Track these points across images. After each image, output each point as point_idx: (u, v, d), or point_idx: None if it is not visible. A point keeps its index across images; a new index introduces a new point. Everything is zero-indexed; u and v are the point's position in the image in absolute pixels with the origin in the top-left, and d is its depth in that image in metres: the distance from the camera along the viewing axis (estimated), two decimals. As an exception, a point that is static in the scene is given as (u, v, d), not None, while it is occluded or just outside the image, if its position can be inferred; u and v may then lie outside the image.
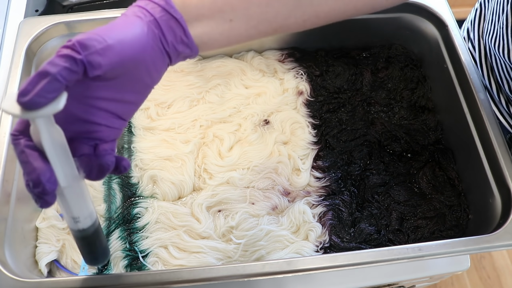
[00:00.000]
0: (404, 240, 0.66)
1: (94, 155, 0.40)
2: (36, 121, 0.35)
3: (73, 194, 0.40)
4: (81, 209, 0.42)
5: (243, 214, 0.66)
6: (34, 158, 0.36)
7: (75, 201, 0.41)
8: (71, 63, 0.34)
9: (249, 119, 0.74)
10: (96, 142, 0.40)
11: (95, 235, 0.45)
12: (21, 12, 0.82)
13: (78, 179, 0.39)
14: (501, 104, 0.76)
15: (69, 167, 0.38)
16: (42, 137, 0.35)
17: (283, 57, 0.82)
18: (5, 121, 0.62)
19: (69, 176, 0.38)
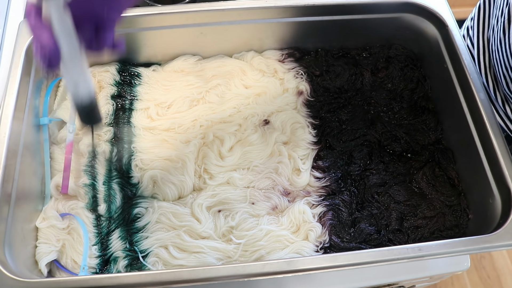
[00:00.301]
0: (404, 240, 0.66)
1: (95, 38, 0.46)
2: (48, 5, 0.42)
3: (74, 64, 0.47)
4: (80, 76, 0.49)
5: (243, 214, 0.66)
6: (44, 33, 0.42)
7: (76, 70, 0.48)
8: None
9: (249, 119, 0.74)
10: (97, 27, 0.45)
11: (93, 109, 0.53)
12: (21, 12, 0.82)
13: (79, 52, 0.46)
14: (498, 102, 0.76)
15: (71, 42, 0.45)
16: (53, 20, 0.42)
17: (283, 57, 0.82)
18: (5, 121, 0.62)
19: (71, 49, 0.45)
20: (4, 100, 0.63)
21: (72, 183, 0.66)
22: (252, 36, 0.79)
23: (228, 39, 0.79)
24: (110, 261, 0.62)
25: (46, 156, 0.68)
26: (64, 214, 0.65)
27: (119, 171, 0.69)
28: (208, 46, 0.80)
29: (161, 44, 0.78)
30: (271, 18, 0.76)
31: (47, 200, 0.66)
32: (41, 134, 0.69)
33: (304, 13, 0.76)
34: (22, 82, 0.66)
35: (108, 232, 0.64)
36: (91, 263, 0.62)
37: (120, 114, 0.74)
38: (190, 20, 0.74)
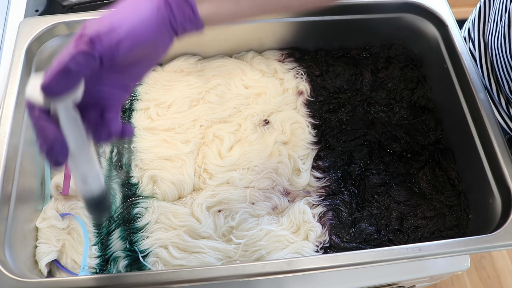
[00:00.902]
0: (404, 240, 0.66)
1: (101, 123, 0.43)
2: (57, 106, 0.39)
3: (82, 157, 0.44)
4: (89, 170, 0.46)
5: (243, 214, 0.66)
6: (49, 127, 0.40)
7: (85, 163, 0.45)
8: (89, 60, 0.37)
9: (249, 119, 0.74)
10: (102, 110, 0.43)
11: (103, 201, 0.49)
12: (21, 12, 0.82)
13: (87, 144, 0.44)
14: (501, 105, 0.76)
15: (79, 135, 0.42)
16: (60, 118, 0.40)
17: (283, 57, 0.82)
18: (5, 121, 0.62)
19: (79, 142, 0.42)
20: (4, 100, 0.63)
21: (72, 183, 0.66)
22: (252, 36, 0.79)
23: (228, 39, 0.79)
24: (110, 261, 0.62)
25: (46, 156, 0.68)
26: (64, 214, 0.65)
27: (119, 171, 0.69)
28: (208, 46, 0.80)
29: (161, 44, 0.78)
30: (271, 18, 0.76)
31: (47, 200, 0.66)
32: (41, 134, 0.68)
33: (304, 13, 0.76)
34: (22, 82, 0.66)
35: (108, 232, 0.64)
36: (91, 263, 0.62)
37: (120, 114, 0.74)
38: (190, 20, 0.74)
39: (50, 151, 0.40)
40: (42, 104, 0.38)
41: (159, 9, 0.41)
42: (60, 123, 0.40)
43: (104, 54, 0.37)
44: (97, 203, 0.48)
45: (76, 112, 0.41)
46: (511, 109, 0.75)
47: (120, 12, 0.40)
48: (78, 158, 0.44)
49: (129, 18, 0.39)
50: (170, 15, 0.42)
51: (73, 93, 0.38)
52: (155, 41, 0.42)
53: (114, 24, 0.38)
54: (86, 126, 0.42)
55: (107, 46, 0.37)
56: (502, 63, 0.70)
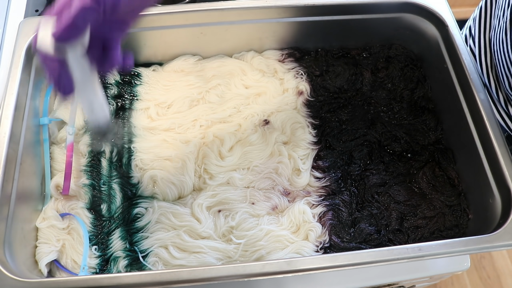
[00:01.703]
0: (404, 240, 0.66)
1: (103, 56, 0.47)
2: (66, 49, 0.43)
3: (88, 88, 0.49)
4: (95, 100, 0.51)
5: (243, 214, 0.66)
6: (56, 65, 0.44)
7: (90, 93, 0.50)
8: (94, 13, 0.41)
9: (249, 119, 0.74)
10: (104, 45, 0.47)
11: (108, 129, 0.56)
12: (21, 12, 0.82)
13: (92, 76, 0.48)
14: (500, 102, 0.76)
15: (85, 69, 0.46)
16: (69, 58, 0.44)
17: (283, 57, 0.82)
18: (5, 121, 0.62)
19: (84, 75, 0.47)
20: (4, 100, 0.63)
21: (72, 183, 0.66)
22: (252, 36, 0.79)
23: (228, 39, 0.79)
24: (110, 261, 0.62)
25: (46, 156, 0.68)
26: (64, 214, 0.65)
27: (119, 171, 0.69)
28: (208, 46, 0.80)
29: (161, 44, 0.78)
30: (271, 18, 0.76)
31: (47, 200, 0.66)
32: (41, 134, 0.69)
33: (304, 13, 0.76)
34: (22, 82, 0.66)
35: (108, 232, 0.64)
36: (91, 263, 0.62)
37: (120, 114, 0.74)
38: (190, 20, 0.74)
39: (58, 84, 0.45)
40: (51, 50, 0.42)
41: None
42: (68, 62, 0.44)
43: (107, 6, 0.41)
44: (102, 131, 0.54)
45: (82, 51, 0.44)
46: (510, 107, 0.75)
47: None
48: (84, 90, 0.49)
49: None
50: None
51: (80, 39, 0.43)
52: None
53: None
54: (90, 60, 0.46)
55: None
56: (503, 58, 0.70)
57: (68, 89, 0.46)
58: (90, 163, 0.69)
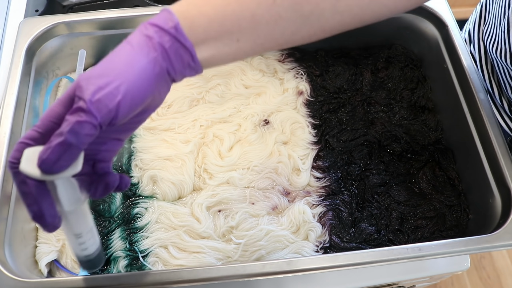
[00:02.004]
0: (404, 240, 0.66)
1: (94, 174, 0.41)
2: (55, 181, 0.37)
3: (76, 215, 0.42)
4: (84, 227, 0.44)
5: (243, 214, 0.66)
6: (36, 191, 0.37)
7: (78, 221, 0.43)
8: (89, 129, 0.35)
9: (249, 119, 0.74)
10: (94, 161, 0.41)
11: (97, 257, 0.47)
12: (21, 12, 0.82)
13: (81, 201, 0.41)
14: (503, 108, 0.76)
15: (73, 193, 0.39)
16: (57, 187, 0.37)
17: (283, 57, 0.81)
18: (5, 121, 0.62)
19: (72, 200, 0.40)
20: (4, 100, 0.63)
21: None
22: (252, 36, 0.79)
23: (228, 39, 0.79)
24: (110, 261, 0.62)
25: (46, 156, 0.68)
26: (64, 214, 0.65)
27: (119, 171, 0.69)
28: (208, 46, 0.80)
29: (161, 44, 0.78)
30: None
31: (47, 200, 0.66)
32: (41, 134, 0.68)
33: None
34: (22, 82, 0.66)
35: (108, 232, 0.64)
36: (91, 263, 0.62)
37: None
38: (190, 20, 0.74)
39: (38, 218, 0.38)
40: (39, 177, 0.35)
41: (156, 61, 0.38)
42: (56, 190, 0.38)
43: (103, 120, 0.36)
44: (91, 261, 0.47)
45: (76, 184, 0.39)
46: None
47: (115, 69, 0.37)
48: (72, 220, 0.42)
49: (125, 76, 0.37)
50: (169, 66, 0.39)
51: (73, 166, 0.36)
52: (154, 97, 0.40)
53: (111, 84, 0.36)
54: (80, 184, 0.40)
55: (106, 112, 0.35)
56: (503, 67, 0.70)
57: (51, 222, 0.38)
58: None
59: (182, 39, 0.39)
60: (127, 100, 0.37)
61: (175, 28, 0.39)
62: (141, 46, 0.38)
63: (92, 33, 0.75)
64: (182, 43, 0.39)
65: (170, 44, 0.39)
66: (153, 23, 0.40)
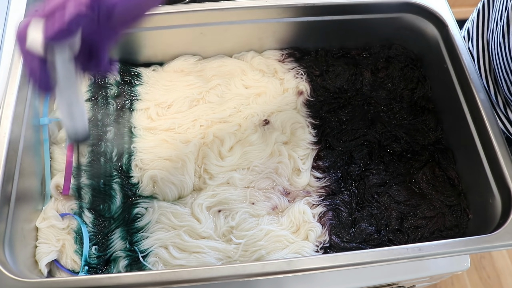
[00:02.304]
0: (404, 240, 0.66)
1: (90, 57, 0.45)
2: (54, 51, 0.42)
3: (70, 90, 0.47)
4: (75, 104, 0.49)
5: (243, 214, 0.66)
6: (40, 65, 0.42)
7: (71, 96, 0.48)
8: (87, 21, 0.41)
9: (249, 119, 0.74)
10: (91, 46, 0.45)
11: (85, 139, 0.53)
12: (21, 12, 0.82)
13: (75, 78, 0.46)
14: (499, 106, 0.76)
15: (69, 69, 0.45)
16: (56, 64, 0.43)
17: (283, 57, 0.82)
18: (5, 121, 0.62)
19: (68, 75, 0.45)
20: (4, 100, 0.63)
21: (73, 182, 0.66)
22: (252, 36, 0.79)
23: (228, 39, 0.79)
24: (110, 261, 0.62)
25: (46, 156, 0.68)
26: (64, 214, 0.65)
27: (119, 171, 0.69)
28: (208, 46, 0.80)
29: (161, 44, 0.78)
30: (271, 18, 0.76)
31: (47, 200, 0.66)
32: (41, 134, 0.69)
33: (304, 13, 0.76)
34: (22, 82, 0.66)
35: (108, 232, 0.64)
36: (91, 263, 0.62)
37: (120, 114, 0.74)
38: (190, 20, 0.74)
39: (37, 81, 0.43)
40: (41, 50, 0.41)
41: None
42: (54, 63, 0.43)
43: (101, 15, 0.40)
44: (78, 138, 0.52)
45: (70, 54, 0.44)
46: (509, 110, 0.75)
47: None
48: (65, 92, 0.46)
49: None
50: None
51: (71, 41, 0.42)
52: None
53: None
54: (76, 63, 0.45)
55: (104, 8, 0.40)
56: (501, 62, 0.70)
57: (46, 86, 0.45)
58: (90, 163, 0.69)
59: None
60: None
61: None
62: None
63: (92, 33, 0.75)
64: None
65: None
66: None
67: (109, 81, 0.75)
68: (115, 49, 0.77)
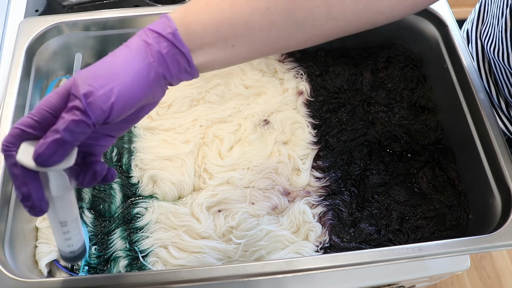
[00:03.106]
0: (404, 240, 0.66)
1: (83, 164, 0.43)
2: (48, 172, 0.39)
3: (63, 202, 0.42)
4: (70, 215, 0.44)
5: (243, 214, 0.66)
6: (26, 174, 0.38)
7: (64, 208, 0.43)
8: (83, 128, 0.37)
9: (249, 119, 0.74)
10: (85, 154, 0.43)
11: (81, 254, 0.48)
12: (21, 12, 0.83)
13: (69, 189, 0.42)
14: (501, 107, 0.76)
15: (62, 181, 0.41)
16: (50, 179, 0.39)
17: (283, 57, 0.81)
18: (5, 121, 0.62)
19: (61, 187, 0.41)
20: (4, 100, 0.63)
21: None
22: (252, 36, 0.79)
23: (228, 39, 0.79)
24: (110, 261, 0.62)
25: (46, 156, 0.68)
26: (64, 214, 0.65)
27: (119, 171, 0.69)
28: (208, 46, 0.80)
29: (161, 44, 0.78)
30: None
31: (47, 200, 0.66)
32: (41, 134, 0.68)
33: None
34: (22, 82, 0.66)
35: (108, 232, 0.64)
36: (91, 263, 0.62)
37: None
38: (190, 20, 0.74)
39: (26, 200, 0.39)
40: (34, 168, 0.37)
41: (152, 66, 0.40)
42: (47, 178, 0.39)
43: (97, 120, 0.37)
44: (75, 257, 0.47)
45: (66, 176, 0.40)
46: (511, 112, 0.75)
47: (111, 71, 0.38)
48: (58, 206, 0.42)
49: (120, 79, 0.38)
50: (165, 71, 0.41)
51: (67, 160, 0.38)
52: (148, 100, 0.42)
53: (105, 86, 0.37)
54: (70, 173, 0.41)
55: (100, 113, 0.37)
56: (500, 67, 0.70)
57: (39, 205, 0.39)
58: (90, 163, 0.69)
59: (179, 45, 0.41)
60: (120, 102, 0.38)
61: (172, 34, 0.40)
62: (139, 51, 0.40)
63: (92, 33, 0.75)
64: (179, 49, 0.41)
65: (167, 50, 0.40)
66: (152, 29, 0.41)
67: None
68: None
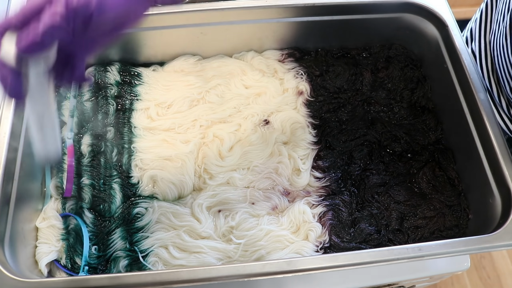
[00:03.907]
0: (404, 240, 0.66)
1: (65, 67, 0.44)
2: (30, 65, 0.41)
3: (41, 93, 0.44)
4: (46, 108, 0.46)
5: (243, 214, 0.66)
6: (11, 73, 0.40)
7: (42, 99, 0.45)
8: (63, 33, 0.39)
9: (249, 119, 0.74)
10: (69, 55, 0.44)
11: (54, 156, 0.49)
12: (21, 12, 0.82)
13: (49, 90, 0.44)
14: (501, 106, 0.76)
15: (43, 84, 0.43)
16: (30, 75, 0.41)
17: (283, 57, 0.82)
18: (5, 121, 0.62)
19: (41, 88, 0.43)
20: (4, 100, 0.63)
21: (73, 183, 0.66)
22: (252, 36, 0.79)
23: (228, 39, 0.79)
24: (110, 261, 0.62)
25: (46, 156, 0.68)
26: (64, 214, 0.65)
27: (119, 171, 0.69)
28: (208, 46, 0.80)
29: (161, 44, 0.78)
30: (271, 18, 0.76)
31: (47, 200, 0.66)
32: (41, 134, 0.68)
33: (304, 13, 0.76)
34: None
35: (108, 232, 0.64)
36: (91, 263, 0.62)
37: (120, 114, 0.74)
38: (190, 20, 0.74)
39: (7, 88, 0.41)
40: (13, 61, 0.39)
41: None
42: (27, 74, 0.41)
43: (77, 26, 0.38)
44: (48, 160, 0.48)
45: (45, 67, 0.42)
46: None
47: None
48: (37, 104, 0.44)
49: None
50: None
51: (45, 54, 0.40)
52: (128, 9, 0.42)
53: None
54: (50, 74, 0.43)
55: (80, 19, 0.38)
56: (503, 63, 0.70)
57: (18, 95, 0.42)
58: (90, 163, 0.69)
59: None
60: (102, 9, 0.40)
61: None
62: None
63: (92, 33, 0.75)
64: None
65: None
66: None
67: (108, 81, 0.75)
68: (115, 49, 0.77)
